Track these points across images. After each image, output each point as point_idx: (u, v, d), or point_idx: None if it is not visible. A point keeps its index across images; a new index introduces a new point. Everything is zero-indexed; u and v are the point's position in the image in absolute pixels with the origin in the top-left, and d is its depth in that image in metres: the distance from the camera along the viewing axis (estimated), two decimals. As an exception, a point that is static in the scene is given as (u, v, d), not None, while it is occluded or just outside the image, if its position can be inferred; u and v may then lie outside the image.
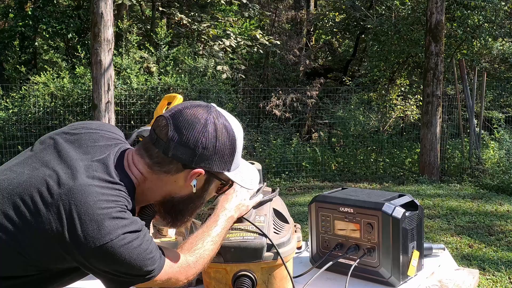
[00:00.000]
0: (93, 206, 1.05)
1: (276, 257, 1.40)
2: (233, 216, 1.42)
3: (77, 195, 1.06)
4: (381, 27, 11.42)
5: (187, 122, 1.15)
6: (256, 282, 1.39)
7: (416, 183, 8.22)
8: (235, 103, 9.36)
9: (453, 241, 5.03)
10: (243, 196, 1.47)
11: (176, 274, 1.23)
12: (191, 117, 1.15)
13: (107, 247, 1.05)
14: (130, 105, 8.33)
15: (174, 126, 1.15)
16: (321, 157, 9.60)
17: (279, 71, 13.73)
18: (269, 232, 1.44)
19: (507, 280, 4.00)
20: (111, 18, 6.90)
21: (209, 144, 1.15)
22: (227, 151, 1.19)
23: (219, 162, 1.19)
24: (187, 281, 1.28)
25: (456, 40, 11.03)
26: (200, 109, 1.18)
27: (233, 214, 1.41)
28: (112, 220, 1.06)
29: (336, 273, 1.67)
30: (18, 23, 10.46)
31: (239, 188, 1.46)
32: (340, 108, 10.62)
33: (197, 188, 1.21)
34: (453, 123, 9.49)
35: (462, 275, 1.69)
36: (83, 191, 1.07)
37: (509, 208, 6.33)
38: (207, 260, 1.31)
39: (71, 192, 1.06)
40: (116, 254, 1.06)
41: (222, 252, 1.40)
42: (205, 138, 1.15)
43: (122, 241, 1.06)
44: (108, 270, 1.10)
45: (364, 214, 1.61)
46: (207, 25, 10.53)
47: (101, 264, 1.08)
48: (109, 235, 1.05)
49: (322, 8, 16.06)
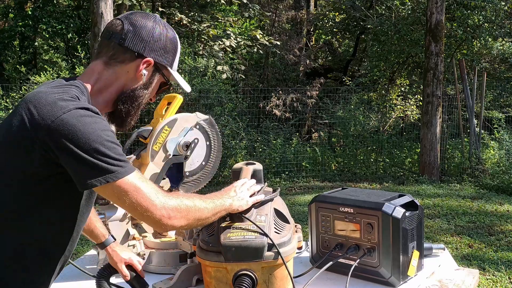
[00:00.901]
0: (45, 97, 1.20)
1: (276, 257, 1.40)
2: (232, 204, 1.45)
3: (31, 97, 1.22)
4: (381, 27, 11.42)
5: (139, 20, 1.36)
6: (257, 282, 1.39)
7: (416, 183, 8.22)
8: (235, 103, 9.35)
9: (453, 241, 5.03)
10: (243, 193, 1.52)
11: (143, 199, 1.24)
12: (143, 17, 1.38)
13: (62, 118, 1.16)
14: (130, 105, 8.31)
15: (128, 22, 1.35)
16: (321, 157, 9.60)
17: (279, 71, 13.72)
18: (270, 232, 1.44)
19: (507, 280, 4.00)
20: (111, 18, 6.90)
21: (158, 37, 1.37)
22: (171, 48, 1.41)
23: (165, 55, 1.40)
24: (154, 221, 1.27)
25: (456, 40, 11.03)
26: (148, 14, 1.41)
27: (231, 202, 1.46)
28: (64, 101, 1.20)
29: (336, 273, 1.67)
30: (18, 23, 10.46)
31: (239, 185, 1.53)
32: (340, 108, 10.62)
33: (145, 79, 1.38)
34: (453, 123, 9.49)
35: (462, 275, 1.69)
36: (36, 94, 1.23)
37: (509, 208, 6.33)
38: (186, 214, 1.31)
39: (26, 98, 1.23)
40: (71, 125, 1.16)
41: (223, 251, 1.40)
42: (156, 32, 1.37)
43: (75, 113, 1.17)
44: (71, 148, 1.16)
45: (364, 214, 1.61)
46: (207, 25, 10.53)
47: (63, 139, 1.16)
48: (62, 109, 1.17)
49: (322, 8, 16.06)
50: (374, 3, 12.33)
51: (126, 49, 1.34)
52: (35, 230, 1.25)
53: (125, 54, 1.35)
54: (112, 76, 1.36)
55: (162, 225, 1.28)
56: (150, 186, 1.27)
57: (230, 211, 1.47)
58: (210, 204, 1.40)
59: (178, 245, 1.82)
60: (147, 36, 1.36)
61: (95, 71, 1.36)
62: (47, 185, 1.23)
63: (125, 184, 1.21)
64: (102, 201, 1.80)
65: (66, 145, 1.16)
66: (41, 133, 1.16)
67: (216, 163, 2.01)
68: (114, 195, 1.23)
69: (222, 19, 11.23)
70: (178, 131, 1.88)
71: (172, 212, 1.28)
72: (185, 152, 1.89)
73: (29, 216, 1.24)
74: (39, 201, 1.24)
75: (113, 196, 1.23)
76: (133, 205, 1.23)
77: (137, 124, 8.42)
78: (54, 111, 1.17)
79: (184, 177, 1.93)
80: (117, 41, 1.34)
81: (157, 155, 1.85)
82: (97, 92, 1.35)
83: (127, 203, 1.23)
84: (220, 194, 1.47)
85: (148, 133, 1.87)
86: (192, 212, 1.33)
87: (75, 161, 1.17)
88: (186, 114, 1.92)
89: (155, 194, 1.26)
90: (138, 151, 1.92)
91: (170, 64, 1.42)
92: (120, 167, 1.21)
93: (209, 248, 1.44)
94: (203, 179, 2.00)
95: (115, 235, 1.73)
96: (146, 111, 8.35)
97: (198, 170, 1.96)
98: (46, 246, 1.29)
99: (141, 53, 1.35)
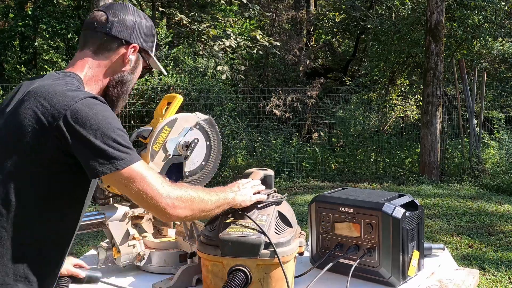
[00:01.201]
0: (53, 89, 1.27)
1: (273, 256, 1.41)
2: (235, 198, 1.49)
3: (37, 91, 1.28)
4: (381, 27, 11.42)
5: (120, 10, 1.45)
6: (251, 279, 1.40)
7: (416, 183, 8.21)
8: (235, 103, 9.34)
9: (453, 241, 5.03)
10: (246, 190, 1.56)
11: (149, 187, 1.28)
12: (122, 8, 1.46)
13: (75, 107, 1.22)
14: (130, 105, 8.32)
15: (111, 13, 1.44)
16: (321, 157, 9.60)
17: (279, 71, 13.72)
18: (269, 231, 1.44)
19: (507, 280, 4.00)
20: (111, 18, 6.90)
21: (140, 25, 1.47)
22: (151, 35, 1.51)
23: (147, 41, 1.50)
24: (159, 210, 1.30)
25: (456, 40, 11.03)
26: (125, 4, 1.50)
27: (234, 196, 1.49)
28: (73, 91, 1.27)
29: (336, 273, 1.67)
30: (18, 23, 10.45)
31: (243, 182, 1.58)
32: (340, 108, 10.61)
33: (132, 64, 1.47)
34: (453, 123, 9.48)
35: (462, 275, 1.69)
36: (41, 88, 1.28)
37: (509, 208, 6.33)
38: (190, 204, 1.35)
39: (32, 93, 1.28)
40: (85, 113, 1.22)
41: (220, 245, 1.42)
42: (137, 20, 1.47)
43: (86, 102, 1.24)
44: (84, 135, 1.21)
45: (364, 214, 1.61)
46: (207, 25, 10.53)
47: (77, 125, 1.21)
48: (74, 99, 1.24)
49: (322, 8, 16.05)
50: (374, 3, 12.33)
51: (113, 37, 1.42)
52: (35, 229, 1.26)
53: (113, 42, 1.43)
54: (102, 64, 1.43)
55: (166, 214, 1.31)
56: (156, 175, 1.32)
57: (233, 206, 1.50)
58: (214, 196, 1.43)
59: (178, 245, 1.82)
60: (131, 24, 1.45)
61: (85, 61, 1.42)
62: (54, 182, 1.26)
63: (132, 171, 1.25)
64: (102, 201, 1.80)
65: (79, 132, 1.21)
66: (55, 122, 1.21)
67: (216, 163, 2.01)
68: (121, 183, 1.26)
69: (222, 19, 11.22)
70: (178, 131, 1.88)
71: (176, 202, 1.31)
72: (185, 152, 1.89)
73: (31, 215, 1.25)
74: (43, 201, 1.25)
75: (120, 183, 1.27)
76: (140, 193, 1.27)
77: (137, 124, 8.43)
78: (66, 100, 1.23)
79: (184, 177, 1.93)
80: (103, 31, 1.42)
81: (157, 155, 1.85)
82: (90, 81, 1.42)
83: (133, 191, 1.27)
84: (223, 188, 1.51)
85: (148, 133, 1.87)
86: (196, 203, 1.37)
87: (87, 147, 1.22)
88: (186, 114, 1.92)
89: (161, 184, 1.30)
90: (138, 151, 1.92)
91: (151, 49, 1.53)
92: (129, 155, 1.25)
93: (208, 242, 1.47)
94: (203, 179, 2.00)
95: (115, 235, 1.73)
96: (146, 111, 8.35)
97: (198, 170, 1.96)
98: (46, 246, 1.29)
99: (127, 39, 1.44)
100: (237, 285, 1.36)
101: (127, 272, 1.78)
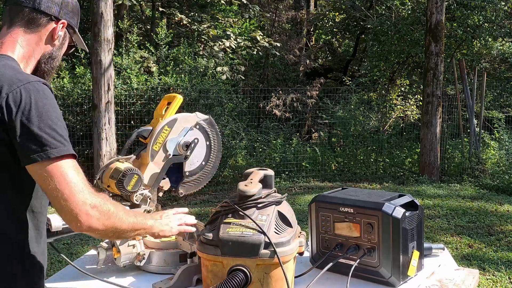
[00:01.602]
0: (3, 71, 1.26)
1: (272, 255, 1.41)
2: (153, 226, 1.50)
3: None
4: (381, 27, 11.42)
5: None
6: (251, 279, 1.40)
7: (416, 183, 8.21)
8: (235, 103, 9.34)
9: (453, 241, 5.03)
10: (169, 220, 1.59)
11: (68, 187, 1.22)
12: None
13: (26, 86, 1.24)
14: (130, 105, 8.31)
15: None
16: (321, 157, 9.60)
17: (279, 71, 13.72)
18: (269, 231, 1.44)
19: (507, 280, 4.00)
20: (111, 18, 6.90)
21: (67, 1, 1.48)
22: (77, 12, 1.53)
23: (74, 18, 1.52)
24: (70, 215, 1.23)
25: (456, 40, 11.04)
26: None
27: (153, 224, 1.50)
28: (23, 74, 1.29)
29: (336, 273, 1.67)
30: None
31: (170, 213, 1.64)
32: (340, 108, 10.62)
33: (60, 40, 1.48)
34: (453, 123, 9.48)
35: (462, 275, 1.69)
36: None
37: (509, 208, 6.33)
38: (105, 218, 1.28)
39: None
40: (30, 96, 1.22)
41: (220, 245, 1.42)
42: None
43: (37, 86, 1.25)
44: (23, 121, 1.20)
45: (364, 214, 1.61)
46: (207, 25, 10.52)
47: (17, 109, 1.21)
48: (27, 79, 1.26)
49: (322, 8, 16.06)
50: (374, 3, 12.33)
51: (42, 13, 1.42)
52: None
53: (42, 18, 1.42)
54: (32, 41, 1.42)
55: (77, 222, 1.23)
56: (81, 179, 1.25)
57: (151, 234, 1.51)
58: (131, 218, 1.40)
59: (178, 245, 1.82)
60: (59, 0, 1.46)
61: (15, 40, 1.40)
62: None
63: (55, 166, 1.21)
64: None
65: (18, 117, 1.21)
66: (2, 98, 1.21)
67: (216, 163, 2.01)
68: (41, 175, 1.21)
69: (222, 19, 11.22)
70: (178, 131, 1.88)
71: (91, 211, 1.24)
72: (185, 152, 1.89)
73: None
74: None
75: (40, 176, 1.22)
76: (56, 190, 1.21)
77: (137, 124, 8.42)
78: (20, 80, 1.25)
79: (184, 177, 1.93)
80: (31, 6, 1.41)
81: (157, 155, 1.85)
82: (23, 59, 1.41)
83: (50, 186, 1.21)
84: (145, 214, 1.53)
85: (148, 133, 1.87)
86: (112, 218, 1.30)
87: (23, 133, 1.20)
88: (186, 114, 1.92)
89: (81, 187, 1.24)
90: (138, 151, 1.92)
91: (76, 26, 1.54)
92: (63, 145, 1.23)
93: (208, 241, 1.47)
94: (203, 179, 2.00)
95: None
96: (146, 111, 8.35)
97: (198, 170, 1.97)
98: None
99: (56, 15, 1.45)
100: (234, 286, 1.36)
101: (127, 272, 1.78)
